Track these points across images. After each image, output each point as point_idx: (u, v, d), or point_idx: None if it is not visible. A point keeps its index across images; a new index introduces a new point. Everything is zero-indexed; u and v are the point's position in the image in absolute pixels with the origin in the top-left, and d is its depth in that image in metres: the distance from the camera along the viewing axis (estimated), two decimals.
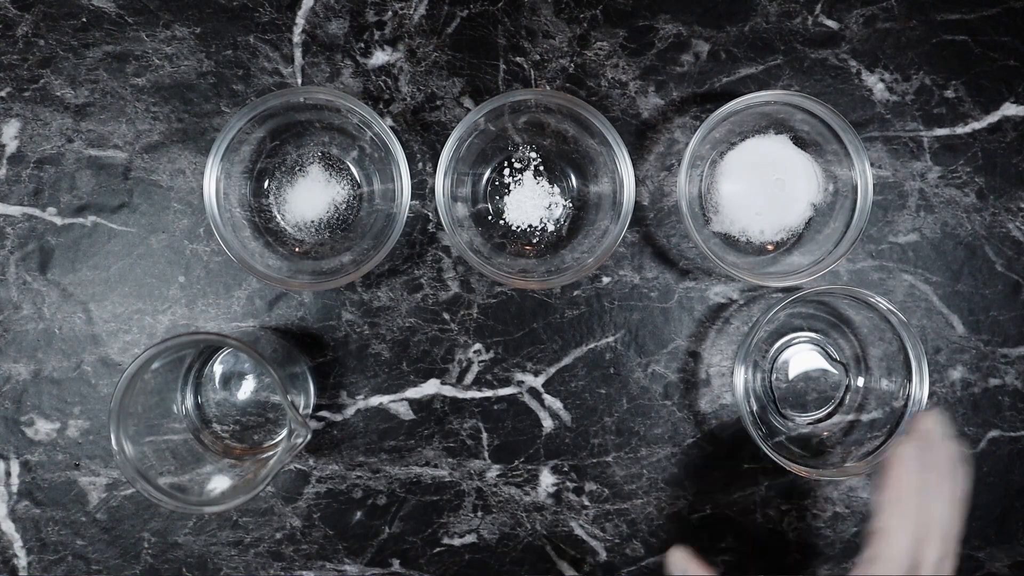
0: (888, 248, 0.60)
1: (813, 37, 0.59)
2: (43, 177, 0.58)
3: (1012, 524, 0.60)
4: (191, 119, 0.58)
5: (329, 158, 0.58)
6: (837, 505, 0.60)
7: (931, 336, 0.60)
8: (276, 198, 0.58)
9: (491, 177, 0.59)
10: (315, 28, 0.59)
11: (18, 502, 0.58)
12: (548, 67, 0.59)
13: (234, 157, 0.55)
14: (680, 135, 0.59)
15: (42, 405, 0.58)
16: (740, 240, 0.59)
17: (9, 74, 0.58)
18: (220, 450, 0.56)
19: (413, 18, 0.59)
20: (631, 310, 0.59)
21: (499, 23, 0.59)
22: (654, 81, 0.59)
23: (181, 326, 0.58)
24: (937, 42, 0.60)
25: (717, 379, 0.59)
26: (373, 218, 0.58)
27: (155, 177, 0.58)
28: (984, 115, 0.60)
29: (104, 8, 0.58)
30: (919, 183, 0.60)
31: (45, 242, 0.58)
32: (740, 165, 0.58)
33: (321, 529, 0.59)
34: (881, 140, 0.59)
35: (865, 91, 0.59)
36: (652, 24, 0.59)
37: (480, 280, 0.59)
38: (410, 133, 0.59)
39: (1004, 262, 0.60)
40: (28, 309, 0.58)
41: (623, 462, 0.59)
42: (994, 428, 0.60)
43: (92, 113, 0.58)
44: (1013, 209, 0.60)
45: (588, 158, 0.58)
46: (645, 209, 0.59)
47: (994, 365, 0.60)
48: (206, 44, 0.58)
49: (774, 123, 0.58)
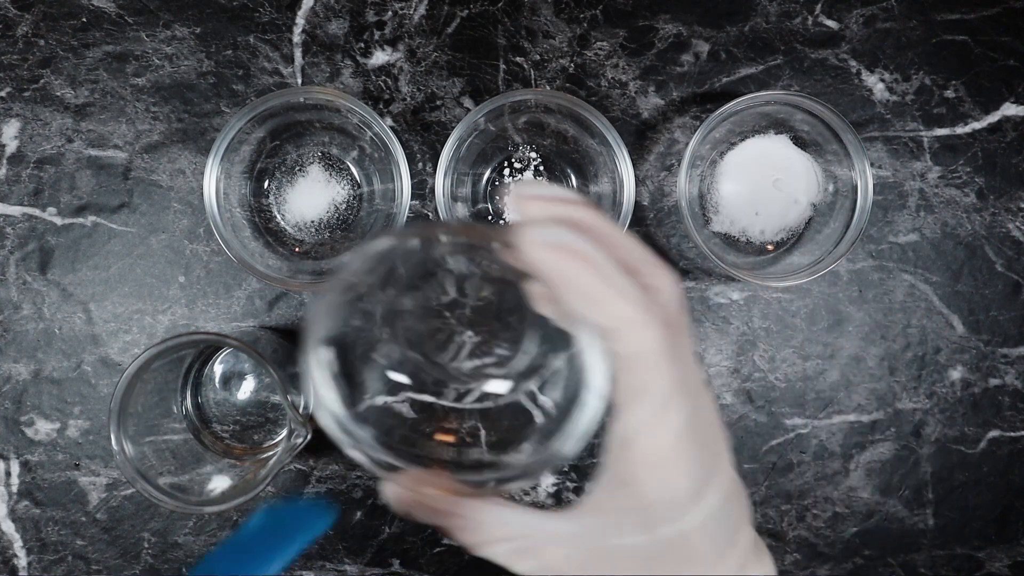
0: (888, 248, 0.60)
1: (813, 37, 0.59)
2: (43, 177, 0.58)
3: (1012, 524, 0.60)
4: (191, 119, 0.58)
5: (329, 158, 0.58)
6: (837, 505, 0.60)
7: (931, 336, 0.60)
8: (276, 198, 0.58)
9: (491, 177, 0.59)
10: (315, 28, 0.59)
11: (18, 502, 0.58)
12: (548, 67, 0.59)
13: (234, 157, 0.55)
14: (680, 135, 0.59)
15: (42, 405, 0.58)
16: (740, 240, 0.59)
17: (9, 74, 0.58)
18: (220, 450, 0.56)
19: (413, 18, 0.59)
20: None
21: (499, 23, 0.59)
22: (654, 81, 0.59)
23: (181, 326, 0.58)
24: (937, 42, 0.60)
25: (717, 379, 0.59)
26: (373, 218, 0.58)
27: (155, 177, 0.58)
28: (984, 115, 0.60)
29: (104, 8, 0.58)
30: (919, 183, 0.60)
31: (45, 242, 0.58)
32: (740, 165, 0.58)
33: None
34: (881, 140, 0.59)
35: (865, 91, 0.59)
36: (652, 24, 0.59)
37: None
38: (410, 133, 0.59)
39: (1004, 262, 0.60)
40: (28, 309, 0.58)
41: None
42: (994, 428, 0.60)
43: (92, 113, 0.58)
44: (1013, 209, 0.60)
45: (588, 158, 0.58)
46: (645, 209, 0.59)
47: (994, 365, 0.60)
48: (206, 44, 0.58)
49: (774, 123, 0.58)
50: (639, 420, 0.25)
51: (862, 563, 0.60)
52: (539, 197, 0.26)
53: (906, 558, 0.60)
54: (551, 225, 0.25)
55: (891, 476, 0.60)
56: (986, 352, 0.60)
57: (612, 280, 0.25)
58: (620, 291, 0.25)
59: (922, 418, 0.60)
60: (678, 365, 0.25)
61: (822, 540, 0.60)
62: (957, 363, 0.60)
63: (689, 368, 0.26)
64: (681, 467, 0.26)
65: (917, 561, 0.60)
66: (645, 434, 0.25)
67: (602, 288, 0.25)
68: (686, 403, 0.26)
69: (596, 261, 0.25)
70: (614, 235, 0.27)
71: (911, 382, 0.60)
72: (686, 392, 0.26)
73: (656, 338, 0.25)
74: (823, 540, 0.60)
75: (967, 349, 0.60)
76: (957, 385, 0.60)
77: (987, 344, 0.60)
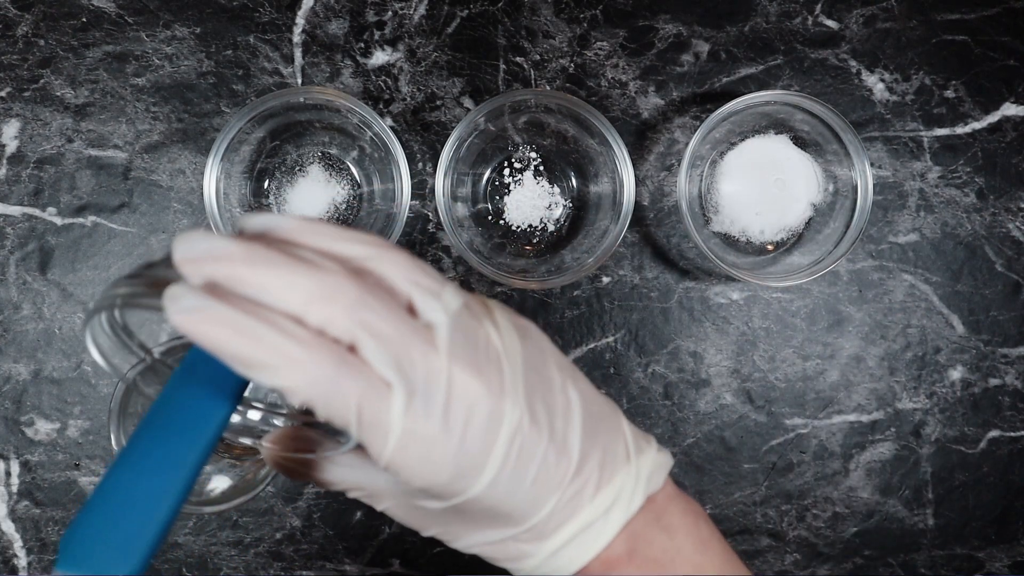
0: (888, 248, 0.60)
1: (813, 37, 0.59)
2: (43, 177, 0.58)
3: (1012, 524, 0.60)
4: (191, 119, 0.58)
5: (329, 158, 0.58)
6: (837, 505, 0.60)
7: (931, 336, 0.60)
8: (276, 198, 0.58)
9: (491, 177, 0.59)
10: (315, 28, 0.59)
11: (18, 502, 0.58)
12: (548, 67, 0.59)
13: (234, 157, 0.55)
14: (680, 135, 0.59)
15: (42, 405, 0.58)
16: (740, 240, 0.59)
17: (9, 74, 0.58)
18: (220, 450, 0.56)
19: (413, 18, 0.59)
20: (631, 310, 0.59)
21: (499, 23, 0.59)
22: (654, 81, 0.59)
23: None
24: (937, 42, 0.60)
25: (717, 379, 0.59)
26: (373, 218, 0.58)
27: (155, 177, 0.58)
28: (984, 115, 0.60)
29: (104, 8, 0.58)
30: (919, 183, 0.60)
31: (45, 242, 0.58)
32: (740, 165, 0.58)
33: (321, 529, 0.59)
34: (881, 140, 0.59)
35: (865, 91, 0.59)
36: (652, 24, 0.59)
37: (480, 280, 0.59)
38: (410, 133, 0.59)
39: (1004, 262, 0.60)
40: (28, 309, 0.58)
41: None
42: (994, 428, 0.60)
43: (92, 113, 0.58)
44: (1013, 209, 0.60)
45: (588, 158, 0.58)
46: (645, 209, 0.59)
47: (994, 365, 0.60)
48: (206, 44, 0.58)
49: (774, 123, 0.58)
50: (373, 450, 0.26)
51: (862, 563, 0.60)
52: (192, 260, 0.25)
53: (906, 558, 0.60)
54: (188, 294, 0.24)
55: (891, 476, 0.60)
56: (986, 352, 0.60)
57: (261, 338, 0.24)
58: (274, 349, 0.24)
59: (922, 418, 0.60)
60: (358, 383, 0.25)
61: (822, 540, 0.60)
62: (957, 363, 0.60)
63: (418, 364, 0.25)
64: (432, 467, 0.27)
65: (917, 561, 0.60)
66: (381, 458, 0.26)
67: (252, 352, 0.24)
68: (418, 412, 0.25)
69: (239, 324, 0.24)
70: (322, 237, 0.26)
71: (911, 382, 0.60)
72: (412, 400, 0.25)
73: (315, 377, 0.24)
74: (823, 540, 0.60)
75: (967, 349, 0.60)
76: (957, 385, 0.60)
77: (987, 344, 0.60)
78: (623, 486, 0.30)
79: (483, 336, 0.27)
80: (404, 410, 0.25)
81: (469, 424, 0.26)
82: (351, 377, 0.24)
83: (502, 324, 0.29)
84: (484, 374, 0.27)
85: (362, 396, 0.25)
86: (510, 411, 0.27)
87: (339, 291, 0.25)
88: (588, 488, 0.30)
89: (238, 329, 0.24)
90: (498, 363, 0.27)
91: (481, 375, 0.27)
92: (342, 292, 0.25)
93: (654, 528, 0.31)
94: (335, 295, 0.25)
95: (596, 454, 0.30)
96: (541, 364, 0.29)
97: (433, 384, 0.26)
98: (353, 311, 0.25)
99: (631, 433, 0.32)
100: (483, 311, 0.29)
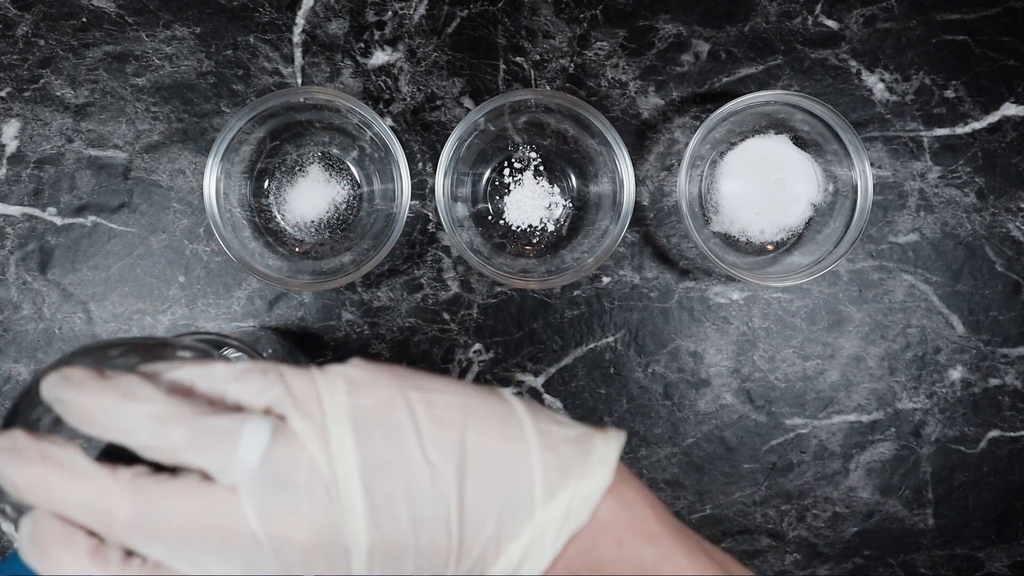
0: (888, 248, 0.60)
1: (813, 37, 0.59)
2: (43, 177, 0.58)
3: (1012, 524, 0.60)
4: (191, 119, 0.58)
5: (329, 158, 0.58)
6: (837, 505, 0.60)
7: (931, 336, 0.60)
8: (276, 198, 0.58)
9: (491, 177, 0.59)
10: (315, 28, 0.59)
11: None
12: (548, 67, 0.59)
13: (234, 157, 0.55)
14: (680, 135, 0.59)
15: None
16: (740, 240, 0.59)
17: (9, 74, 0.58)
18: None
19: (413, 18, 0.59)
20: (631, 310, 0.59)
21: (499, 23, 0.59)
22: (654, 81, 0.59)
23: (181, 326, 0.58)
24: (937, 42, 0.60)
25: (717, 379, 0.59)
26: (373, 218, 0.58)
27: (155, 177, 0.58)
28: (984, 115, 0.60)
29: (104, 8, 0.58)
30: (919, 183, 0.60)
31: (45, 242, 0.58)
32: (740, 165, 0.58)
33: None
34: (881, 140, 0.59)
35: (865, 91, 0.59)
36: (652, 24, 0.59)
37: (480, 280, 0.59)
38: (410, 133, 0.59)
39: (1004, 262, 0.60)
40: (28, 309, 0.58)
41: (623, 462, 0.59)
42: (994, 428, 0.60)
43: (92, 113, 0.58)
44: (1013, 209, 0.60)
45: (588, 158, 0.58)
46: (645, 209, 0.59)
47: (994, 365, 0.60)
48: (206, 44, 0.58)
49: (774, 123, 0.58)
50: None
51: (862, 563, 0.60)
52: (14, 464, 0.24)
53: (906, 558, 0.60)
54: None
55: (891, 476, 0.60)
56: (986, 352, 0.60)
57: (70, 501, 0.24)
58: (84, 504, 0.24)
59: (922, 418, 0.60)
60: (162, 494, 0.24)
61: (822, 540, 0.60)
62: (957, 363, 0.60)
63: (232, 545, 0.24)
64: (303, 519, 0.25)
65: (917, 561, 0.60)
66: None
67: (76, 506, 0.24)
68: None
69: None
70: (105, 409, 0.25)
71: (911, 382, 0.60)
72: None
73: (125, 514, 0.24)
74: (823, 540, 0.60)
75: (967, 349, 0.60)
76: (957, 385, 0.60)
77: (987, 344, 0.60)
78: (531, 543, 0.27)
79: (304, 466, 0.24)
80: None
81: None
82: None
83: (333, 424, 0.25)
84: (311, 518, 0.24)
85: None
86: (355, 542, 0.25)
87: (110, 513, 0.24)
88: (487, 558, 0.26)
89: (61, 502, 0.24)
90: (324, 494, 0.24)
91: (307, 521, 0.24)
92: (112, 514, 0.24)
93: (592, 553, 0.28)
94: (108, 520, 0.24)
95: (489, 526, 0.26)
96: (396, 452, 0.25)
97: (256, 559, 0.24)
98: (129, 532, 0.24)
99: (542, 471, 0.27)
100: (305, 421, 0.25)
